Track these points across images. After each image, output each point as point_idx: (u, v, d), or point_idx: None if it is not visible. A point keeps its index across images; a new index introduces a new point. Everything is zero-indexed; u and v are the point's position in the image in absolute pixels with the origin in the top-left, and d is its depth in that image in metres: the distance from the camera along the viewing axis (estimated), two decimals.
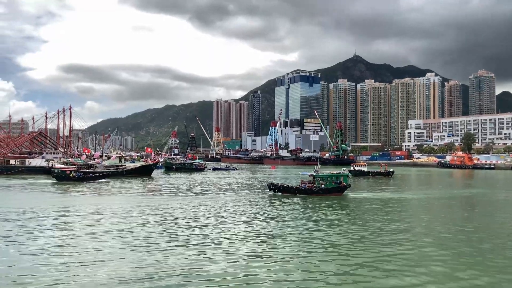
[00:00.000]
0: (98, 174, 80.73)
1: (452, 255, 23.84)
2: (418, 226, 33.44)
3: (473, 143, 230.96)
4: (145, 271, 20.30)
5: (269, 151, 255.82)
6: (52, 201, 48.98)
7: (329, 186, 53.56)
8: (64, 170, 77.25)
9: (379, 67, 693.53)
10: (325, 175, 55.16)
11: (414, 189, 72.23)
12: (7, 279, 19.25)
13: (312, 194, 52.75)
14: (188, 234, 29.18)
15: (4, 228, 30.95)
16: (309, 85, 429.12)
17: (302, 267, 21.27)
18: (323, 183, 53.75)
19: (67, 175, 74.35)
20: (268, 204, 46.46)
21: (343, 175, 55.98)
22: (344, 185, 54.37)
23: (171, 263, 21.66)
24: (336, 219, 36.20)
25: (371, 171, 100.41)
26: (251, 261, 22.36)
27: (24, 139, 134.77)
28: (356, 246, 25.91)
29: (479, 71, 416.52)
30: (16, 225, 32.27)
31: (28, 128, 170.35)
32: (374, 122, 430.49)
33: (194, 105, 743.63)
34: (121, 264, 21.57)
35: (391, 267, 21.20)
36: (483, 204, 51.03)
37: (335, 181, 54.23)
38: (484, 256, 23.70)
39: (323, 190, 53.01)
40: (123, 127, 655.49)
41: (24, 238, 27.56)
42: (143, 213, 39.33)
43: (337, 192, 53.55)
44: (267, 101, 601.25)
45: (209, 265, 21.40)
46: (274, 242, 26.82)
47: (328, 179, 54.38)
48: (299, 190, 53.95)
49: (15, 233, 29.09)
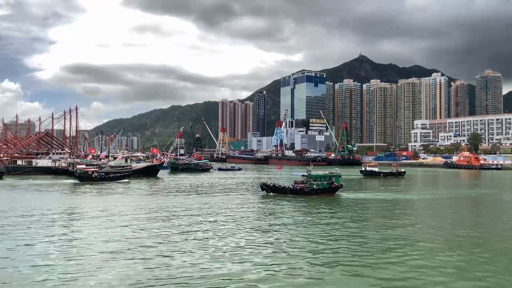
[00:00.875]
0: (119, 174, 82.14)
1: (447, 263, 23.66)
2: (413, 227, 33.31)
3: (479, 143, 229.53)
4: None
5: (275, 152, 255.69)
6: (80, 201, 50.31)
7: (321, 187, 53.79)
8: (86, 171, 78.40)
9: (384, 67, 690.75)
10: (317, 176, 55.28)
11: (415, 189, 71.61)
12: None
13: (303, 194, 52.99)
14: (173, 236, 29.16)
15: (33, 228, 31.42)
16: (314, 85, 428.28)
17: (285, 268, 21.28)
18: (315, 184, 53.93)
19: (89, 175, 75.57)
20: (258, 205, 46.37)
21: (335, 176, 56.06)
22: (336, 185, 54.67)
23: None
24: (325, 222, 35.67)
25: (382, 172, 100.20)
26: (235, 262, 22.44)
27: (31, 140, 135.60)
28: (331, 246, 26.01)
29: (485, 71, 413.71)
30: (44, 225, 32.84)
31: (35, 129, 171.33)
32: (380, 122, 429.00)
33: (200, 106, 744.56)
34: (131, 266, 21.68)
35: (380, 275, 20.46)
36: (490, 205, 50.70)
37: (327, 182, 54.50)
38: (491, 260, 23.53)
39: (314, 191, 53.27)
40: (129, 128, 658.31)
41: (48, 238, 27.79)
42: (147, 213, 39.58)
43: (329, 192, 53.91)
44: (273, 101, 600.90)
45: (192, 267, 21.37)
46: (257, 245, 26.58)
47: (320, 180, 54.56)
48: (291, 190, 54.26)
49: (42, 233, 29.51)
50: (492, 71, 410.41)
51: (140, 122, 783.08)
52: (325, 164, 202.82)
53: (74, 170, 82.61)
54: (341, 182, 56.24)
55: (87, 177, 75.04)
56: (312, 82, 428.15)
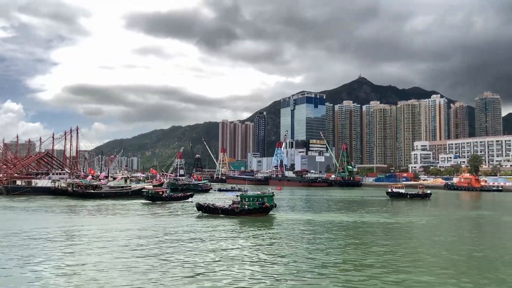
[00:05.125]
0: (184, 194, 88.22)
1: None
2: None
3: (480, 165, 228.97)
4: None
5: (275, 172, 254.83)
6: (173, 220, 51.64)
7: (251, 207, 54.06)
8: (158, 191, 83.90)
9: (384, 89, 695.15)
10: (248, 196, 56.07)
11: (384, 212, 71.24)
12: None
13: (235, 214, 53.43)
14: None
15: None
16: (314, 106, 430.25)
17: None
18: (247, 204, 54.30)
19: (160, 195, 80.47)
20: (184, 226, 46.22)
21: (267, 196, 56.46)
22: (267, 206, 54.77)
23: None
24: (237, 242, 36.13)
25: (409, 193, 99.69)
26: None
27: (31, 160, 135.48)
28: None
29: (484, 93, 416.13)
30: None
31: (35, 149, 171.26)
32: (379, 144, 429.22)
33: (200, 126, 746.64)
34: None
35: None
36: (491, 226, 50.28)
37: (258, 202, 54.73)
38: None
39: (245, 211, 53.63)
40: (129, 148, 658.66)
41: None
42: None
43: (259, 212, 54.04)
44: (273, 122, 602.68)
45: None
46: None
47: (251, 200, 54.96)
48: (223, 210, 54.93)
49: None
50: (491, 93, 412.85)
51: (141, 143, 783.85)
52: (325, 185, 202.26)
53: (145, 191, 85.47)
54: (273, 202, 56.38)
55: (158, 197, 79.42)
56: (312, 103, 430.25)
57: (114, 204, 76.00)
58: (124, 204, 76.14)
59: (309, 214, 62.13)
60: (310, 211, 66.52)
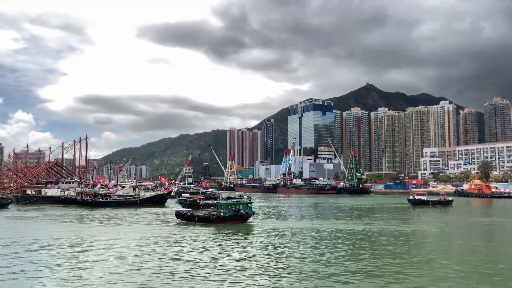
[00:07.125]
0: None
1: None
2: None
3: (490, 171, 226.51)
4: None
5: (283, 180, 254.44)
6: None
7: (227, 215, 54.13)
8: (195, 199, 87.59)
9: (392, 96, 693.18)
10: (224, 203, 56.74)
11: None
12: None
13: (211, 222, 53.40)
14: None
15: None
16: (322, 113, 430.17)
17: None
18: (223, 211, 54.43)
19: (197, 203, 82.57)
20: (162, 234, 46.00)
21: (243, 203, 56.56)
22: (242, 213, 54.67)
23: None
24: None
25: (431, 200, 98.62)
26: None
27: (40, 169, 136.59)
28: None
29: (494, 99, 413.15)
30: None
31: (45, 158, 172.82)
32: (388, 150, 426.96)
33: (208, 134, 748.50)
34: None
35: None
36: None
37: (234, 209, 54.78)
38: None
39: (220, 218, 53.63)
40: (137, 157, 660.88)
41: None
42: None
43: (235, 220, 53.98)
44: (280, 130, 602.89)
45: None
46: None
47: (227, 207, 55.12)
48: (199, 218, 54.95)
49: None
50: (500, 99, 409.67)
51: (149, 151, 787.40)
52: (334, 193, 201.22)
53: (183, 199, 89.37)
54: (248, 209, 55.95)
55: (196, 204, 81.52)
56: (319, 111, 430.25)
57: (131, 213, 75.72)
58: (155, 212, 76.01)
59: (333, 221, 61.29)
60: (320, 218, 65.99)
